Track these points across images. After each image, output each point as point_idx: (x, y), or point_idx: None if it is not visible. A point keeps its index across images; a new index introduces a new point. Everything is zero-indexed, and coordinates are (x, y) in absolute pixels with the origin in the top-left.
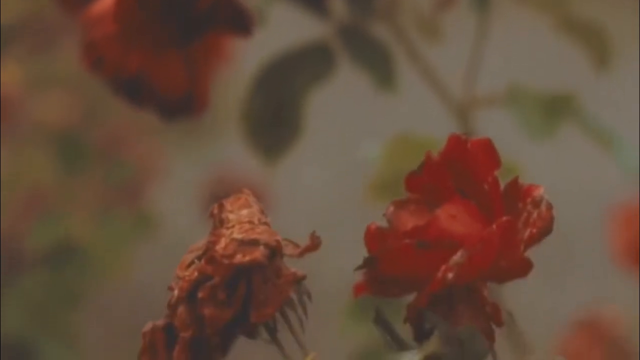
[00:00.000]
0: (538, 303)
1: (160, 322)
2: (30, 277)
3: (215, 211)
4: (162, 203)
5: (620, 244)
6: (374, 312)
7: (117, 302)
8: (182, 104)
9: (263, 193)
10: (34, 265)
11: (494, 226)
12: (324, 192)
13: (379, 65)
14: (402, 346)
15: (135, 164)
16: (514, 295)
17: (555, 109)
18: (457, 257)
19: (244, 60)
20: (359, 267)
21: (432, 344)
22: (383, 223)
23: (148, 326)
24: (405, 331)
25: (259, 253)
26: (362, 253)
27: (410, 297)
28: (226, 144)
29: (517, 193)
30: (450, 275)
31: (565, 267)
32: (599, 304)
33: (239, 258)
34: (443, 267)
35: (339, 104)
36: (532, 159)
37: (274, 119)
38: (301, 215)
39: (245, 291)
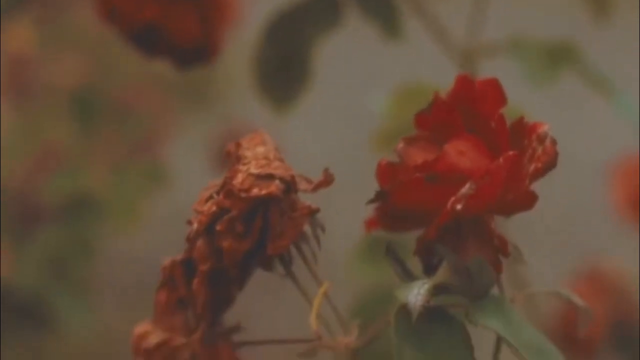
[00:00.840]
0: (542, 257)
1: (179, 256)
2: (45, 231)
3: (232, 149)
4: (174, 158)
5: (622, 197)
6: (385, 246)
7: (130, 254)
8: (195, 52)
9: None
10: (49, 219)
11: (501, 159)
12: (332, 141)
13: (385, 15)
14: (411, 279)
15: (148, 120)
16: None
17: (556, 58)
18: (465, 189)
19: (253, 12)
20: (371, 201)
21: (441, 275)
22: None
23: (167, 261)
24: (414, 268)
25: (274, 187)
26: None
27: (420, 233)
28: (237, 100)
29: (523, 130)
30: (458, 206)
31: (566, 220)
32: (601, 257)
33: (255, 192)
34: (452, 199)
35: (347, 54)
36: (533, 111)
37: (283, 69)
38: (309, 166)
39: (262, 224)
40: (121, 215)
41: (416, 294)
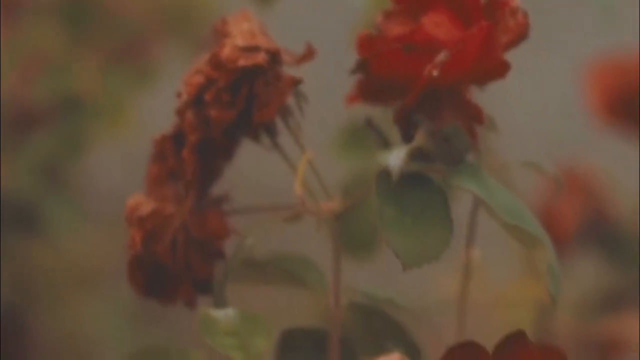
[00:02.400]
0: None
1: (169, 130)
2: (36, 136)
3: (219, 26)
4: (163, 58)
5: (598, 98)
6: (365, 120)
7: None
8: None
9: None
10: (40, 124)
11: (474, 29)
12: (312, 36)
13: None
14: (390, 147)
15: (137, 22)
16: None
17: None
18: (441, 56)
19: None
20: (352, 71)
21: (418, 140)
22: None
23: (158, 135)
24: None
25: (260, 57)
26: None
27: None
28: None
29: (496, 4)
30: (434, 72)
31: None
32: (576, 157)
33: (242, 62)
34: (428, 66)
35: None
36: None
37: None
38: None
39: (248, 94)
40: (110, 115)
41: (396, 156)
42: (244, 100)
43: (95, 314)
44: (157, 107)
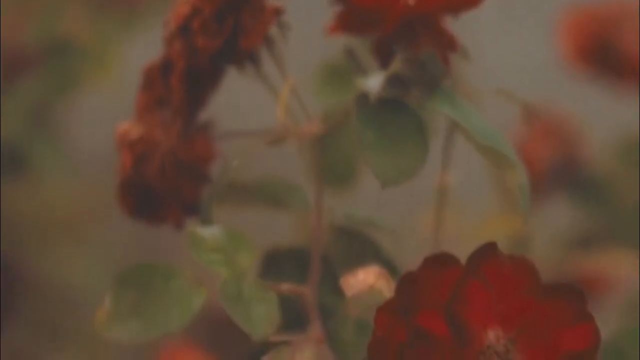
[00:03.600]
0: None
1: (157, 60)
2: (24, 80)
3: None
4: (151, 2)
5: (572, 46)
6: (344, 49)
7: (107, 99)
8: None
9: None
10: (29, 66)
11: None
12: None
13: None
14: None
15: None
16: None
17: None
18: None
19: None
20: (332, 1)
21: (395, 66)
22: None
23: (146, 65)
24: None
25: None
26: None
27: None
28: None
29: None
30: (411, 1)
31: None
32: (548, 103)
33: None
34: None
35: None
36: None
37: None
38: None
39: (234, 23)
40: (99, 61)
41: (374, 81)
42: (229, 29)
43: (81, 261)
44: (145, 52)
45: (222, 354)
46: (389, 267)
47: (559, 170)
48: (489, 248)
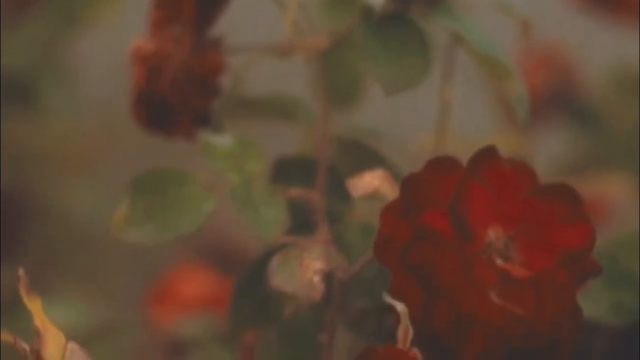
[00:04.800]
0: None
1: None
2: (34, 17)
3: None
4: None
5: None
6: None
7: (114, 39)
8: None
9: None
10: (38, 3)
11: None
12: None
13: None
14: None
15: None
16: None
17: None
18: None
19: None
20: None
21: None
22: None
23: None
24: None
25: None
26: None
27: None
28: None
29: None
30: None
31: None
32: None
33: None
34: None
35: None
36: None
37: None
38: None
39: None
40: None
41: None
42: None
43: (88, 194)
44: None
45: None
46: (393, 175)
47: (555, 97)
48: (489, 151)
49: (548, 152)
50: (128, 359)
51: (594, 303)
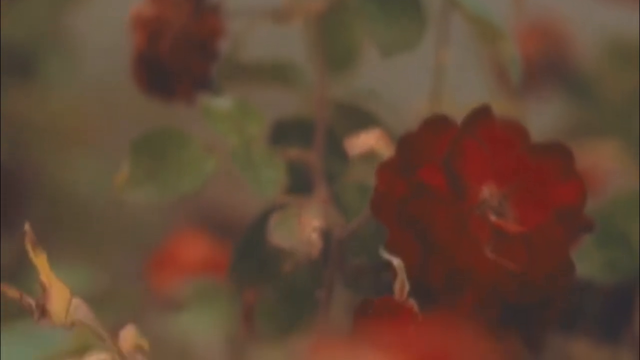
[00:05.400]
0: None
1: None
2: None
3: None
4: None
5: None
6: None
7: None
8: None
9: None
10: None
11: None
12: None
13: None
14: None
15: None
16: None
17: None
18: None
19: None
20: None
21: None
22: None
23: None
24: None
25: None
26: None
27: None
28: None
29: None
30: None
31: None
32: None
33: None
34: None
35: None
36: None
37: None
38: None
39: None
40: None
41: None
42: None
43: (88, 166)
44: None
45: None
46: (389, 136)
47: (548, 67)
48: (483, 110)
49: (541, 121)
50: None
51: (588, 262)
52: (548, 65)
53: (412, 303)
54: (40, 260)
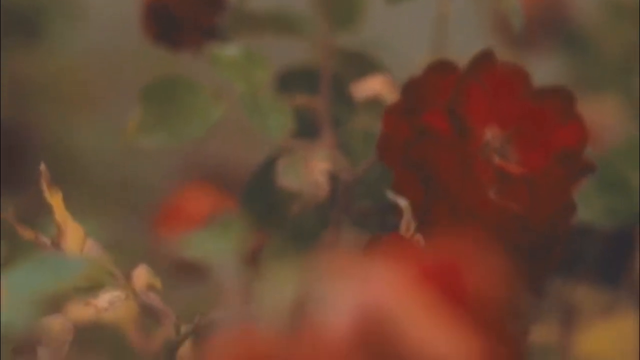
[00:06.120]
0: None
1: None
2: None
3: None
4: None
5: None
6: None
7: None
8: None
9: None
10: None
11: None
12: None
13: None
14: None
15: None
16: None
17: None
18: None
19: None
20: None
21: None
22: None
23: None
24: None
25: None
26: None
27: None
28: None
29: None
30: None
31: None
32: None
33: None
34: None
35: None
36: None
37: None
38: None
39: None
40: None
41: None
42: None
43: (92, 127)
44: None
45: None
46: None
47: (546, 22)
48: (486, 55)
49: (540, 77)
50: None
51: (588, 207)
52: (547, 21)
53: (419, 237)
54: (55, 200)
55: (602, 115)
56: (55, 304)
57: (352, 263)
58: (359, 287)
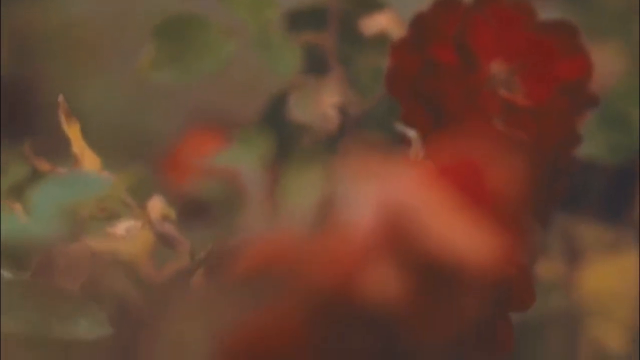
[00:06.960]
0: None
1: None
2: None
3: None
4: None
5: None
6: None
7: None
8: None
9: None
10: None
11: None
12: None
13: None
14: None
15: None
16: None
17: None
18: None
19: None
20: None
21: None
22: None
23: None
24: None
25: None
26: None
27: None
28: None
29: None
30: None
31: None
32: None
33: None
34: None
35: None
36: None
37: None
38: None
39: None
40: None
41: None
42: None
43: (99, 85)
44: None
45: None
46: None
47: None
48: None
49: None
50: None
51: (592, 143)
52: None
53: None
54: (72, 131)
55: (603, 61)
56: (75, 230)
57: (374, 164)
58: (381, 186)
